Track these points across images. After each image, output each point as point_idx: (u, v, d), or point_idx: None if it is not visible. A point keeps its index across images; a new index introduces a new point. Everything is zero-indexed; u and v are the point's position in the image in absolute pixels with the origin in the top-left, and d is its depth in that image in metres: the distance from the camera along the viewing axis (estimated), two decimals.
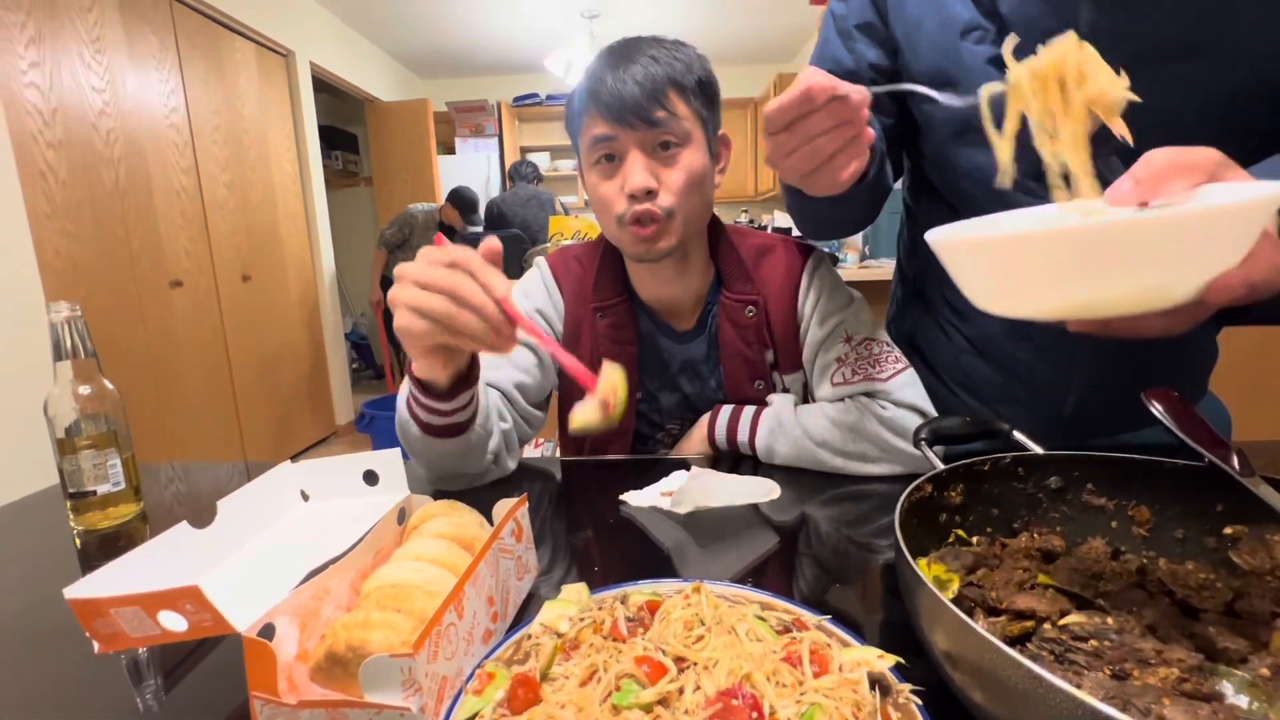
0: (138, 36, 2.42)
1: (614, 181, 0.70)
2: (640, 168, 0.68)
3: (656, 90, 0.67)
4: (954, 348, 0.75)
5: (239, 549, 0.50)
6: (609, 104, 0.67)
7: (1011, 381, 0.71)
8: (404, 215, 3.69)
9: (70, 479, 0.63)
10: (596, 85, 0.68)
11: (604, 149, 0.70)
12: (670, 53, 0.69)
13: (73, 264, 2.11)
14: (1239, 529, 0.41)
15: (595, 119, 0.69)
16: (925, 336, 0.78)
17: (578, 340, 0.82)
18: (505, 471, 0.73)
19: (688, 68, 0.69)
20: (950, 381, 0.76)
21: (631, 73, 0.67)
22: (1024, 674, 0.26)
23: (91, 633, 0.38)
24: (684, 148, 0.69)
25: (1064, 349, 0.67)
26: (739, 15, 4.20)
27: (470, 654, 0.37)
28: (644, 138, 0.68)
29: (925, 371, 0.78)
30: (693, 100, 0.70)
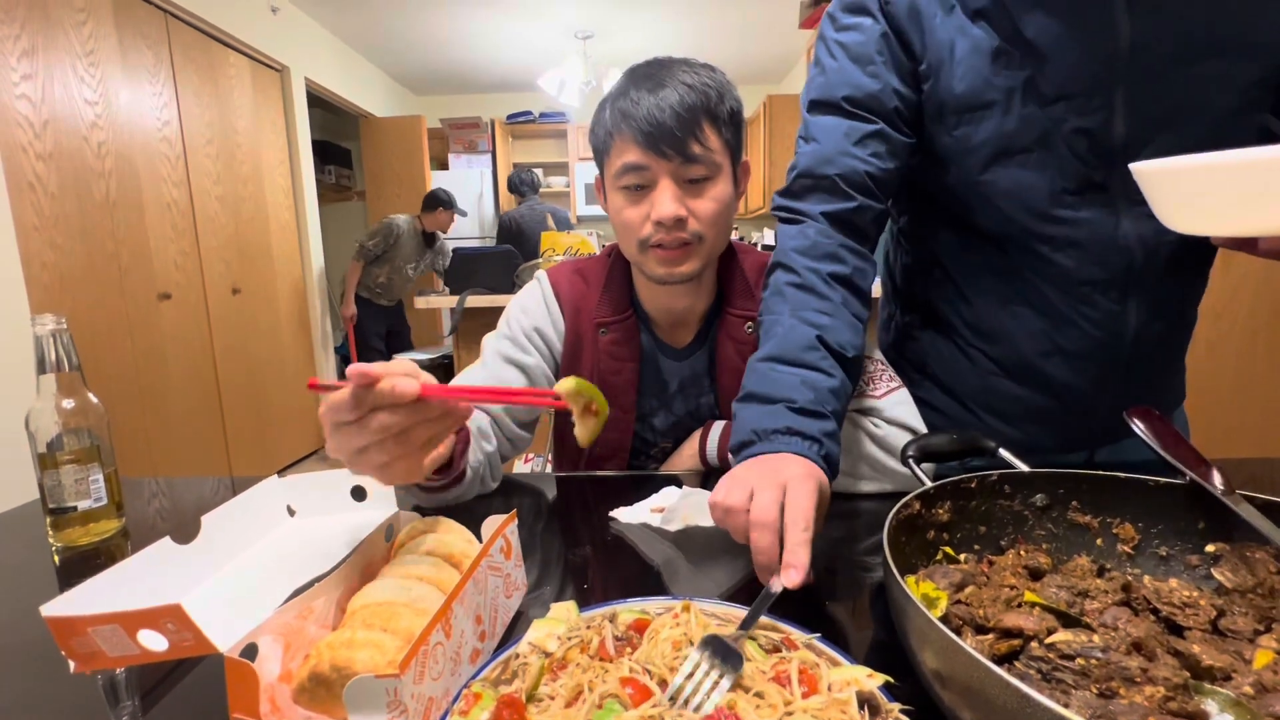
0: (132, 50, 2.43)
1: (640, 208, 0.70)
2: (670, 197, 0.68)
3: (693, 121, 0.66)
4: (980, 370, 0.73)
5: (223, 566, 0.49)
6: (645, 131, 0.66)
7: (1043, 398, 0.71)
8: (385, 226, 3.62)
9: (51, 494, 0.62)
10: (630, 108, 0.67)
11: (634, 178, 0.69)
12: (703, 79, 0.68)
13: (60, 276, 2.09)
14: (1221, 546, 0.42)
15: (628, 145, 0.68)
16: (942, 362, 0.77)
17: (578, 357, 0.81)
18: (487, 490, 0.72)
19: (720, 96, 0.68)
20: (975, 405, 0.75)
21: (667, 99, 0.65)
22: (1012, 693, 0.26)
23: (68, 652, 0.37)
24: (714, 179, 0.69)
25: (1098, 358, 0.66)
26: (730, 38, 4.28)
27: (457, 674, 0.36)
28: (676, 169, 0.68)
29: (944, 397, 0.78)
30: (724, 130, 0.69)
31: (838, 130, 0.66)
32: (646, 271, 0.75)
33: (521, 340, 0.80)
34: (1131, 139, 0.58)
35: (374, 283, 3.76)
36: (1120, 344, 0.65)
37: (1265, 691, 0.30)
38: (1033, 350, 0.69)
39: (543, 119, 5.38)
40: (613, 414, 0.80)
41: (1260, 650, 0.33)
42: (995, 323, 0.70)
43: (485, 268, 2.55)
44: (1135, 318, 0.64)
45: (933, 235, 0.75)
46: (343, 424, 0.42)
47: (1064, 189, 0.61)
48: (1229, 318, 1.88)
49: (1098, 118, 0.58)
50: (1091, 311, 0.65)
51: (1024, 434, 0.73)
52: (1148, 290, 0.64)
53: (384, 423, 0.42)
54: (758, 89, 5.07)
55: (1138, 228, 0.61)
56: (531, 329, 0.81)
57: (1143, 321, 0.65)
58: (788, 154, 4.02)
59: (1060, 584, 0.39)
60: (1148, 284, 0.63)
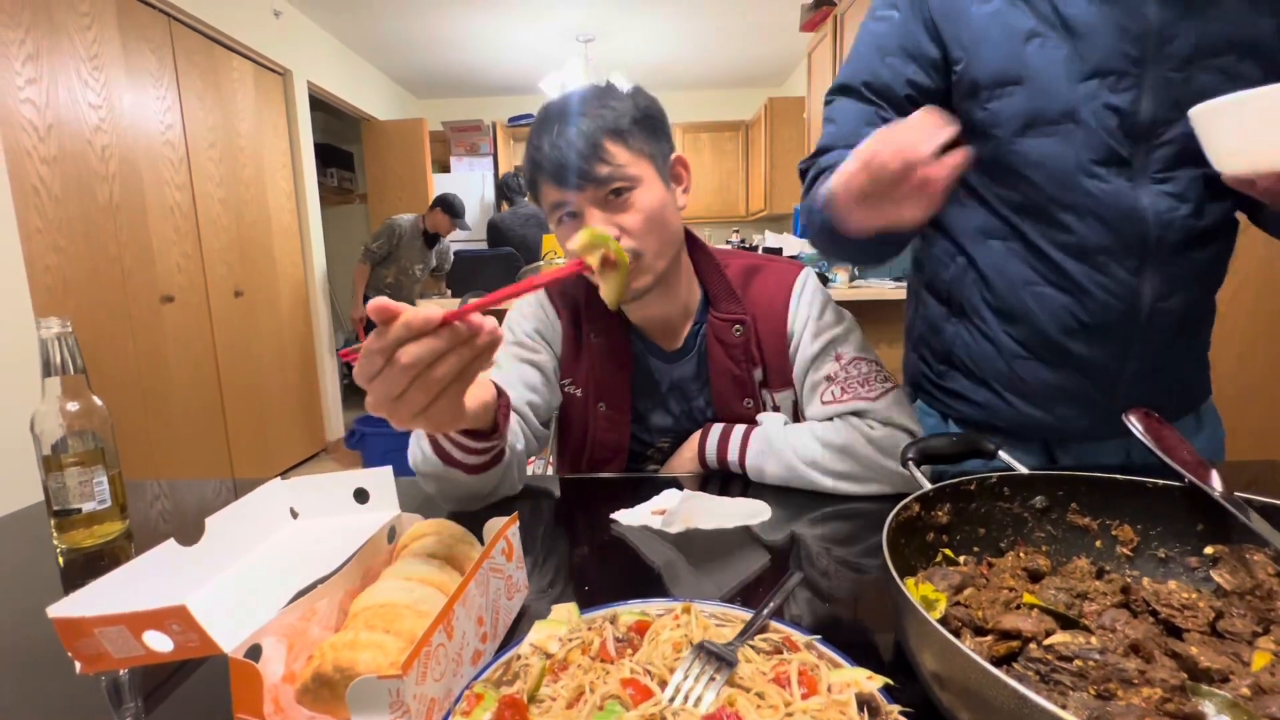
0: (135, 54, 2.44)
1: None
2: (598, 222, 0.70)
3: (593, 146, 0.68)
4: (1005, 354, 0.75)
5: (226, 567, 0.49)
6: (552, 171, 0.69)
7: (1066, 376, 0.73)
8: (388, 227, 3.65)
9: (55, 496, 0.62)
10: (537, 154, 0.71)
11: (562, 211, 0.72)
12: (598, 105, 0.70)
13: (63, 279, 2.10)
14: (1219, 549, 0.42)
15: (547, 186, 0.72)
16: (967, 349, 0.79)
17: (576, 360, 0.83)
18: (514, 491, 0.72)
19: (618, 114, 0.70)
20: (1001, 388, 0.77)
21: (566, 136, 0.69)
22: (1010, 694, 0.26)
23: (74, 653, 0.37)
24: (634, 189, 0.70)
25: (1117, 331, 0.70)
26: (731, 40, 4.29)
27: (459, 675, 0.37)
28: (594, 194, 0.70)
29: (972, 384, 0.79)
30: (633, 142, 0.71)
31: (855, 113, 0.72)
32: None
33: (528, 342, 0.81)
34: (1158, 118, 0.63)
35: (382, 284, 3.76)
36: (1136, 315, 0.68)
37: (1262, 693, 0.30)
38: (1055, 327, 0.71)
39: None
40: (609, 414, 0.81)
41: (1258, 652, 0.33)
42: (1017, 303, 0.73)
43: (487, 271, 2.56)
44: (1150, 289, 0.67)
45: (956, 224, 0.78)
46: (376, 373, 0.41)
47: (1090, 159, 0.65)
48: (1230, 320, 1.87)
49: (1128, 96, 0.62)
50: (1108, 281, 0.68)
51: (1054, 417, 0.75)
52: (1162, 263, 0.67)
53: (413, 354, 0.41)
54: (759, 92, 5.08)
55: (1155, 202, 0.65)
56: (534, 331, 0.82)
57: (1158, 294, 0.67)
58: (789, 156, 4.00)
59: (1059, 586, 0.39)
60: (1162, 256, 0.66)
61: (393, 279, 3.75)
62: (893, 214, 0.51)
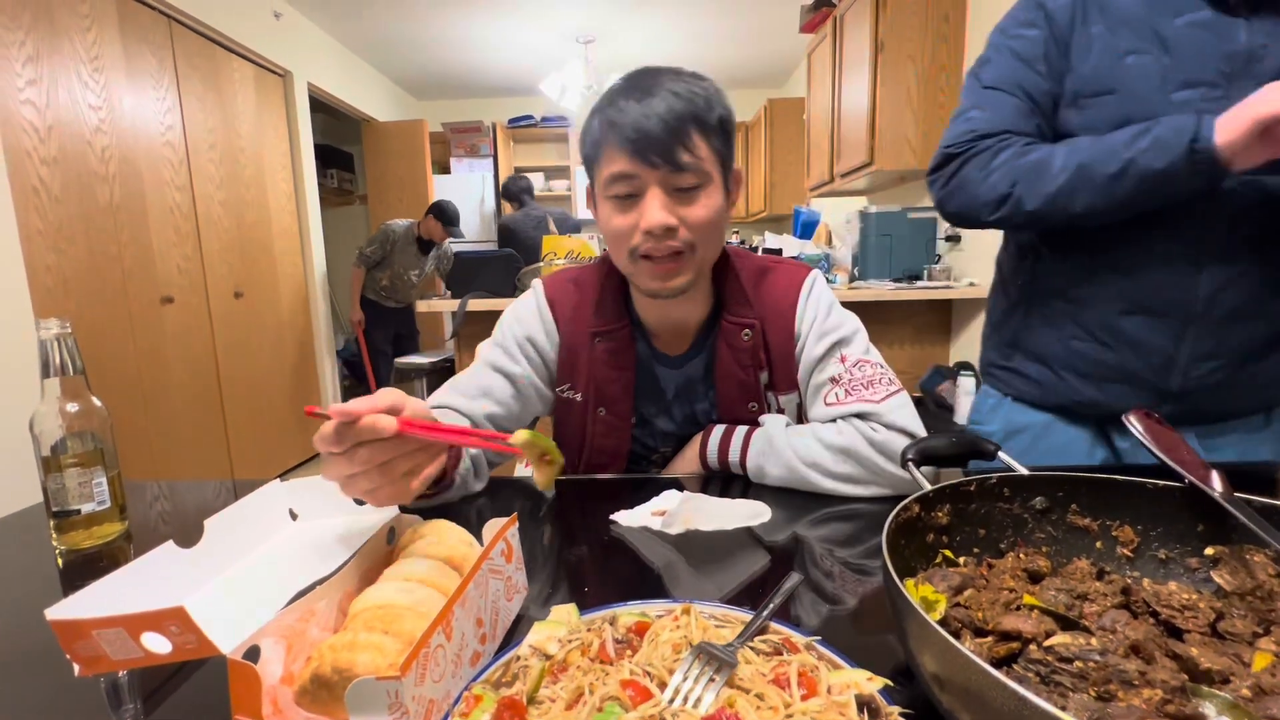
0: (136, 56, 2.44)
1: (630, 216, 0.69)
2: (659, 206, 0.67)
3: (681, 129, 0.65)
4: (1063, 334, 0.83)
5: (225, 569, 0.49)
6: (633, 140, 0.65)
7: (1121, 356, 0.79)
8: (382, 232, 3.66)
9: (54, 497, 0.62)
10: (617, 117, 0.66)
11: (623, 188, 0.68)
12: (691, 87, 0.67)
13: (63, 280, 2.10)
14: (1220, 550, 0.42)
15: (616, 154, 0.67)
16: (1030, 334, 0.87)
17: (574, 366, 0.81)
18: (470, 491, 0.73)
19: (709, 104, 0.68)
20: (1059, 368, 0.85)
21: (654, 107, 0.65)
22: (1010, 696, 0.26)
23: (72, 655, 0.37)
24: (704, 187, 0.69)
25: (1177, 314, 0.75)
26: (731, 42, 4.29)
27: (458, 676, 0.37)
28: (665, 177, 0.67)
29: (1029, 362, 0.88)
30: (713, 139, 0.68)
31: (1010, 105, 0.81)
32: (638, 285, 0.75)
33: (512, 349, 0.80)
34: None
35: (378, 287, 3.77)
36: (1193, 300, 0.75)
37: (1263, 694, 0.30)
38: (1112, 309, 0.79)
39: (544, 123, 5.39)
40: (610, 421, 0.81)
41: (1259, 653, 0.33)
42: (1081, 288, 0.81)
43: (487, 272, 2.55)
44: (1209, 276, 0.74)
45: None
46: (331, 454, 0.47)
47: None
48: None
49: (1216, 105, 0.68)
50: (1167, 267, 0.75)
51: (1106, 395, 0.81)
52: (1224, 256, 0.73)
53: (366, 455, 0.47)
54: (759, 93, 5.08)
55: (1225, 203, 0.72)
56: (524, 338, 0.81)
57: (1217, 285, 0.74)
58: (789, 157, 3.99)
59: (1059, 587, 0.39)
60: (1224, 251, 0.73)
61: (388, 282, 3.75)
62: None
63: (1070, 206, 0.74)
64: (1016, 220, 0.79)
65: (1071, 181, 0.73)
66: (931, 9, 2.35)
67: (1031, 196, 0.76)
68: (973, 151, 0.82)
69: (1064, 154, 0.74)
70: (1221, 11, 0.71)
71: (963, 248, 2.45)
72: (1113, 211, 0.73)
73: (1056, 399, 0.86)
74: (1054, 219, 0.76)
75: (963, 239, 2.45)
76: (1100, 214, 0.74)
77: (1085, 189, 0.73)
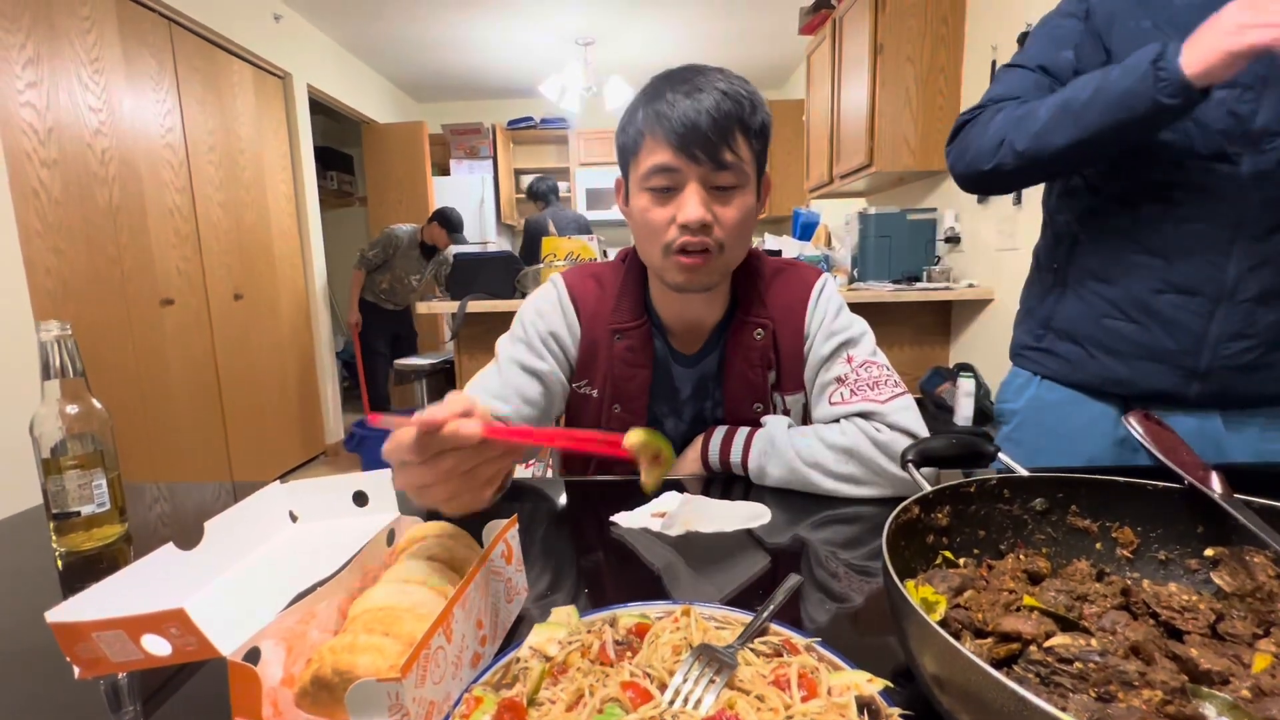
0: (136, 58, 2.45)
1: (667, 209, 0.69)
2: (698, 201, 0.67)
3: (728, 128, 0.65)
4: (1095, 313, 0.86)
5: (225, 571, 0.49)
6: (679, 133, 0.65)
7: (1152, 334, 0.82)
8: (385, 236, 3.66)
9: (54, 499, 0.62)
10: (666, 109, 0.66)
11: (663, 180, 0.68)
12: (737, 88, 0.68)
13: (63, 282, 2.10)
14: (1220, 551, 0.42)
15: (660, 146, 0.67)
16: (1064, 314, 0.91)
17: (594, 362, 0.81)
18: None
19: (754, 107, 0.68)
20: (1090, 346, 0.88)
21: (703, 102, 0.65)
22: (1010, 697, 0.26)
23: (72, 657, 0.37)
24: (740, 188, 0.69)
25: (1208, 293, 0.78)
26: (731, 44, 4.29)
27: (458, 678, 0.37)
28: (706, 174, 0.67)
29: (1061, 341, 0.91)
30: (754, 142, 0.69)
31: (1028, 79, 0.86)
32: (666, 279, 0.74)
33: (536, 345, 0.79)
34: (1265, 128, 0.74)
35: (378, 289, 3.78)
36: (1222, 281, 0.77)
37: (1263, 695, 0.30)
38: (1144, 288, 0.81)
39: (544, 125, 5.40)
40: (624, 418, 0.81)
41: (1258, 654, 0.33)
42: (1115, 268, 0.84)
43: (486, 273, 2.55)
44: (1237, 260, 0.76)
45: (1073, 210, 0.90)
46: (409, 464, 0.43)
47: (1201, 154, 0.76)
48: None
49: (1248, 106, 0.73)
50: (1198, 246, 0.78)
51: (1135, 373, 0.84)
52: (1254, 239, 0.76)
53: (450, 463, 0.43)
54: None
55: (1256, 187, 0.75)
56: (547, 333, 0.80)
57: (1247, 266, 0.76)
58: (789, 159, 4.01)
59: (1059, 588, 0.39)
60: (1255, 233, 0.76)
61: (387, 285, 3.76)
62: None
63: (1052, 140, 0.78)
64: (1009, 164, 0.83)
65: (1053, 117, 0.78)
66: (930, 11, 2.36)
67: (1020, 138, 0.81)
68: (979, 116, 0.88)
69: (1050, 98, 0.80)
70: None
71: (962, 249, 2.45)
72: (1090, 144, 0.76)
73: (1085, 376, 0.88)
74: (1041, 157, 0.80)
75: (962, 240, 2.45)
76: (1080, 147, 0.77)
77: (1064, 122, 0.77)
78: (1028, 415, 0.96)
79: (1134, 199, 0.82)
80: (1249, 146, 0.74)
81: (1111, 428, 0.88)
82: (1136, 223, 0.82)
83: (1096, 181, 0.86)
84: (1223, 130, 0.75)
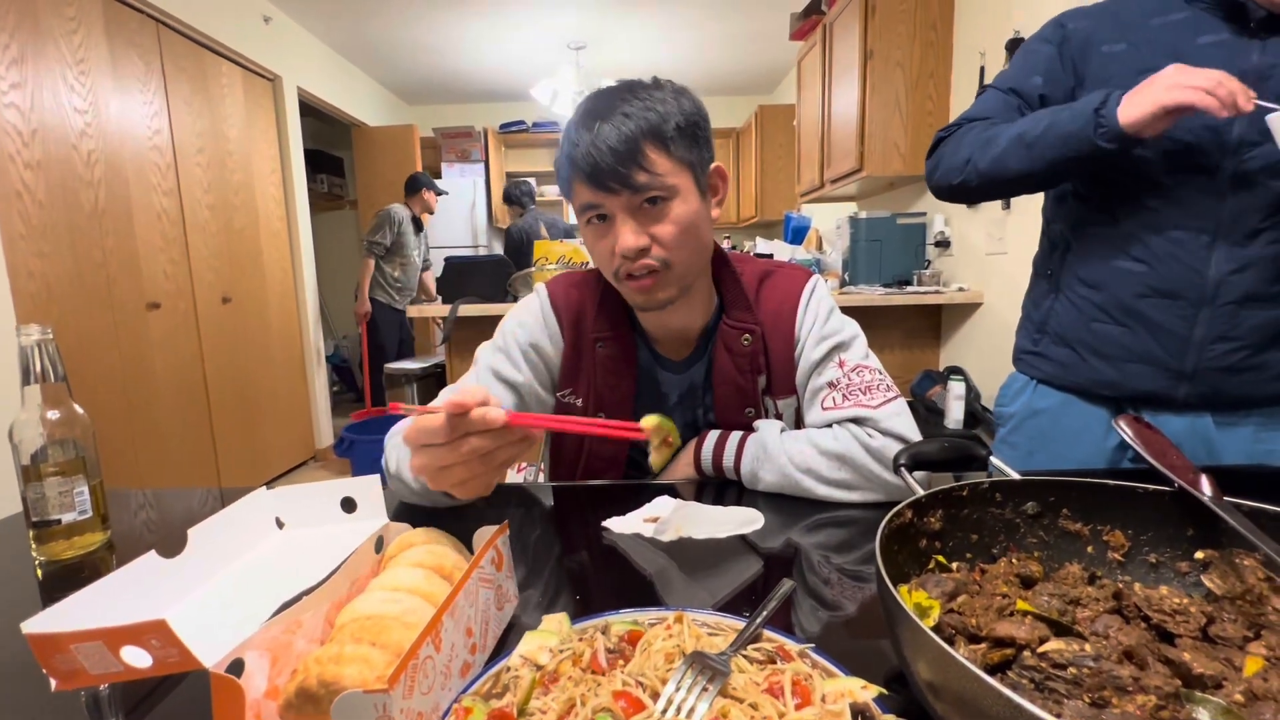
0: (123, 59, 2.42)
1: (606, 241, 0.70)
2: (629, 231, 0.67)
3: (632, 151, 0.65)
4: (1085, 317, 0.90)
5: (209, 579, 0.48)
6: (588, 172, 0.66)
7: (1138, 337, 0.85)
8: (385, 218, 3.63)
9: (34, 507, 0.61)
10: (573, 150, 0.68)
11: (592, 213, 0.70)
12: (645, 103, 0.67)
13: (46, 286, 2.07)
14: (1210, 553, 0.42)
15: (580, 185, 0.69)
16: (1057, 317, 0.94)
17: (577, 371, 0.81)
18: None
19: (663, 116, 0.67)
20: (1081, 350, 0.91)
21: (603, 135, 0.65)
22: (1005, 704, 0.26)
23: (49, 669, 0.36)
24: (671, 200, 0.68)
25: (1190, 296, 0.81)
26: (722, 49, 4.31)
27: (447, 688, 0.36)
28: (629, 201, 0.67)
29: (1054, 345, 0.94)
30: (674, 149, 0.68)
31: (1000, 100, 0.93)
32: (627, 299, 0.76)
33: (515, 356, 0.79)
34: (1241, 141, 0.77)
35: (390, 280, 3.73)
36: (1203, 284, 0.80)
37: (1256, 699, 0.30)
38: (1129, 292, 0.85)
39: (536, 128, 5.40)
40: None
41: (1250, 657, 0.33)
42: (1102, 273, 0.88)
43: (477, 277, 2.54)
44: (1220, 259, 0.79)
45: (1065, 218, 0.93)
46: (433, 445, 0.48)
47: (1179, 166, 0.80)
48: None
49: (1222, 124, 0.75)
50: (1180, 252, 0.81)
51: (1123, 375, 0.87)
52: (1233, 244, 0.78)
53: (474, 446, 0.47)
54: (749, 99, 5.11)
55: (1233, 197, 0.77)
56: (527, 344, 0.79)
57: (1226, 270, 0.79)
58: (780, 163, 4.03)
59: (1052, 592, 0.39)
60: (1234, 238, 0.78)
61: (399, 272, 3.73)
62: None
63: (1009, 165, 0.84)
64: (973, 181, 0.89)
65: (1010, 145, 0.84)
66: (920, 17, 2.38)
67: (983, 160, 0.88)
68: (953, 134, 0.95)
69: (1013, 126, 0.86)
70: (1240, 33, 0.77)
71: (952, 253, 2.47)
72: (1040, 173, 0.83)
73: (1077, 379, 0.91)
74: (999, 180, 0.86)
75: (952, 244, 2.47)
76: (1031, 175, 0.84)
77: (1019, 151, 0.84)
78: (1023, 419, 0.98)
79: (1117, 207, 0.85)
80: (1227, 156, 0.77)
81: (1103, 432, 0.90)
82: (1120, 230, 0.85)
83: (1083, 190, 0.90)
84: (1202, 142, 0.78)
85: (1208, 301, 0.80)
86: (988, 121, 0.91)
